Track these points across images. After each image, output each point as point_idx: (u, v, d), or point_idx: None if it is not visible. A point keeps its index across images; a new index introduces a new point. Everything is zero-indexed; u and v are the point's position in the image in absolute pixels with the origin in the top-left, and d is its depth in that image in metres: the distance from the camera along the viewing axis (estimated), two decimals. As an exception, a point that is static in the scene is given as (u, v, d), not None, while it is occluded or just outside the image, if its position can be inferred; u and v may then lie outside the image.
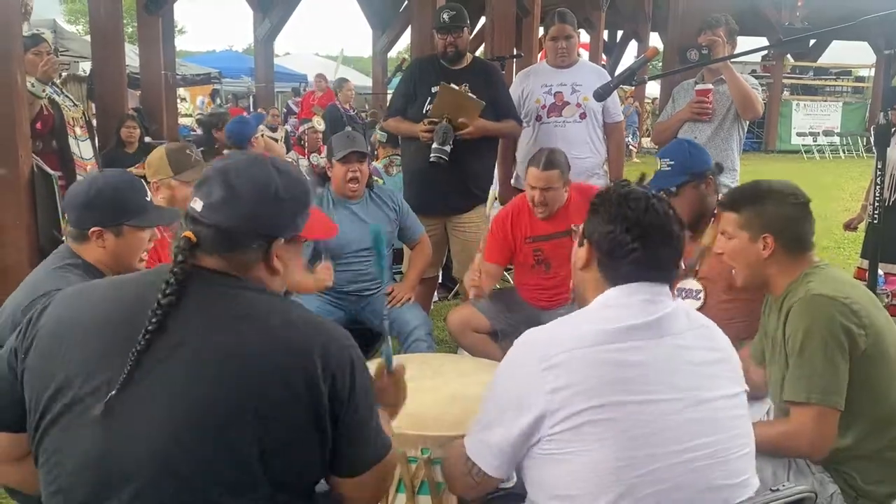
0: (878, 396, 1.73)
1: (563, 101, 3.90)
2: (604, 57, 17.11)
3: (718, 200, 2.29)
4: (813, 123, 18.63)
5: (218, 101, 16.42)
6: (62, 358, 1.19)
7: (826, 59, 22.56)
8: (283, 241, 1.27)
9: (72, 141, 4.33)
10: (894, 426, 1.74)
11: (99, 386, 1.15)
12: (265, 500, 1.16)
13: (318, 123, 8.25)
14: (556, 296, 3.24)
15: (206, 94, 17.20)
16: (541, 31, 9.14)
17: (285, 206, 1.27)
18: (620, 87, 4.01)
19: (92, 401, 1.15)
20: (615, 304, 1.37)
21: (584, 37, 15.43)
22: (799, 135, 18.58)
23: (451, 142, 3.50)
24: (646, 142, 16.97)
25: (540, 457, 1.30)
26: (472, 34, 8.15)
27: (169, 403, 1.13)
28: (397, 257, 3.90)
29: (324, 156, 3.76)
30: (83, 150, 4.46)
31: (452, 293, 5.27)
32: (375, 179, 3.59)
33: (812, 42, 20.83)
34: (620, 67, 19.05)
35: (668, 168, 2.57)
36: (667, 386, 1.29)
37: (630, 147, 15.63)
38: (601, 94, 2.99)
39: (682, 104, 3.68)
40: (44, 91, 4.02)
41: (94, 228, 1.87)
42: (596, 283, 1.42)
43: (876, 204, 2.33)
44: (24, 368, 1.23)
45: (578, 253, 1.47)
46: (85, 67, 9.92)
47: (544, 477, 1.30)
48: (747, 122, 3.73)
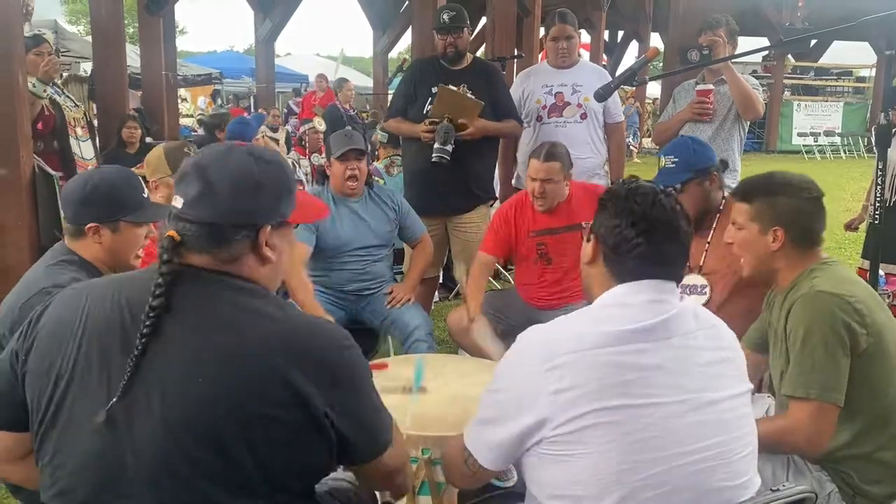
0: (877, 394, 1.73)
1: (563, 101, 3.90)
2: (604, 57, 17.10)
3: (731, 191, 2.29)
4: (814, 124, 18.62)
5: (219, 102, 16.43)
6: (62, 358, 1.19)
7: (827, 60, 22.51)
8: (269, 228, 1.25)
9: (73, 141, 4.33)
10: (891, 425, 1.74)
11: (99, 387, 1.15)
12: (265, 500, 1.16)
13: (319, 124, 8.24)
14: (558, 291, 3.24)
15: (207, 95, 17.20)
16: (542, 31, 9.15)
17: (266, 193, 1.24)
18: (621, 87, 3.99)
19: (92, 402, 1.15)
20: (620, 303, 1.35)
21: (585, 37, 15.42)
22: (800, 135, 18.58)
23: (453, 141, 3.50)
24: (647, 142, 16.96)
25: (541, 456, 1.29)
26: (473, 34, 8.17)
27: (168, 404, 1.12)
28: (398, 257, 3.90)
29: (324, 156, 3.76)
30: (84, 150, 4.47)
31: (453, 293, 5.27)
32: (376, 179, 3.59)
33: (813, 42, 20.82)
34: (621, 68, 18.99)
35: (672, 165, 2.57)
36: (673, 388, 1.27)
37: (631, 147, 15.64)
38: (602, 95, 3.00)
39: (682, 105, 3.68)
40: (45, 91, 4.02)
41: (90, 224, 1.88)
42: (602, 279, 1.40)
43: (877, 204, 2.33)
44: (26, 370, 1.24)
45: (585, 248, 1.46)
46: (86, 68, 9.92)
47: (544, 476, 1.30)
48: (748, 123, 3.73)
